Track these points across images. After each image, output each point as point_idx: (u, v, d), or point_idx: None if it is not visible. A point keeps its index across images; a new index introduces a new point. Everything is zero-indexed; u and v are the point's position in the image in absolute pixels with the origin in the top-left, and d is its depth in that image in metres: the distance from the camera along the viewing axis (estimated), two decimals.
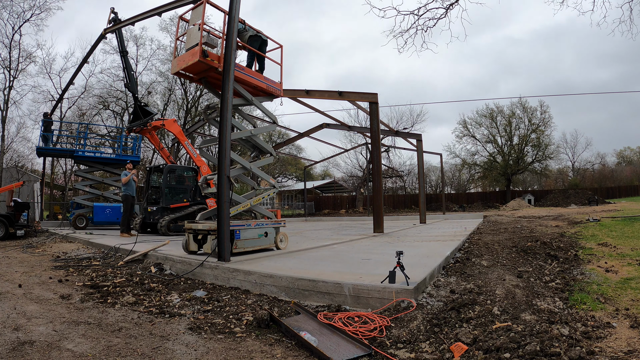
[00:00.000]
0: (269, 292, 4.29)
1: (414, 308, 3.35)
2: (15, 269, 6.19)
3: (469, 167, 41.02)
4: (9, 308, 3.74)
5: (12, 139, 27.13)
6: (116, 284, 4.82)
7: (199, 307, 3.88)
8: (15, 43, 24.44)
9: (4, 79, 24.62)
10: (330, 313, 3.41)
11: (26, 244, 10.15)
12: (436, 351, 2.65)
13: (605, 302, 3.64)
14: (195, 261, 5.33)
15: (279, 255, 6.07)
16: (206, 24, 6.31)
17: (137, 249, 6.98)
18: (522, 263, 5.59)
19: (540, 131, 36.48)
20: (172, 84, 32.02)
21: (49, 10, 24.96)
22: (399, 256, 3.88)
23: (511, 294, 3.80)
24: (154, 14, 9.96)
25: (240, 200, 6.40)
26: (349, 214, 32.93)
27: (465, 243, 7.75)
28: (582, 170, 51.44)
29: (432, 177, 50.24)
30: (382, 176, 13.78)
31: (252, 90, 6.74)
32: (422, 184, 17.35)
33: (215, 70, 5.96)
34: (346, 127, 20.40)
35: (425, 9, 7.63)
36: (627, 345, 2.61)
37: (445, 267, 5.23)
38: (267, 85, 6.85)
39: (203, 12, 5.97)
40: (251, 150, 7.30)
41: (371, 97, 10.90)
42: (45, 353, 2.63)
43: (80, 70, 16.46)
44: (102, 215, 15.28)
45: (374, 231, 10.61)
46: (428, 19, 7.75)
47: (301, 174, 42.04)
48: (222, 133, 5.20)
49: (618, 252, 6.16)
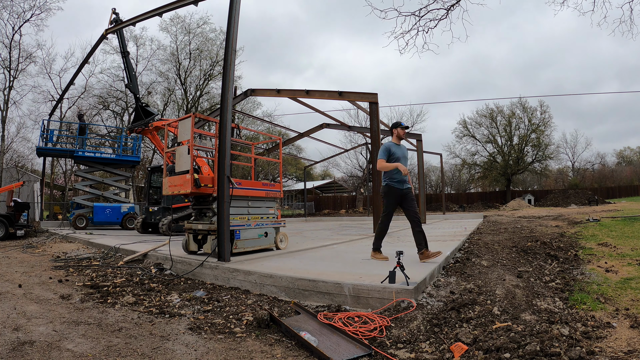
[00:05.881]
0: (269, 292, 4.29)
1: (414, 308, 3.35)
2: (15, 269, 6.20)
3: (469, 167, 41.01)
4: (9, 308, 3.74)
5: (12, 139, 27.18)
6: (116, 284, 4.82)
7: (199, 307, 3.88)
8: (15, 43, 24.47)
9: (4, 79, 24.65)
10: (330, 313, 3.41)
11: (26, 244, 10.15)
12: (436, 351, 2.65)
13: (605, 302, 3.64)
14: (195, 261, 5.33)
15: (279, 255, 6.07)
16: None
17: (137, 249, 6.98)
18: (522, 263, 5.59)
19: (540, 131, 36.50)
20: (172, 84, 32.07)
21: (49, 10, 24.99)
22: (399, 256, 3.88)
23: (511, 294, 3.80)
24: (154, 14, 9.99)
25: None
26: (349, 214, 32.93)
27: (465, 243, 7.74)
28: (582, 170, 51.46)
29: (432, 177, 50.30)
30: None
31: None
32: (422, 184, 17.35)
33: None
34: (346, 127, 20.41)
35: (426, 10, 7.64)
36: (627, 345, 2.61)
37: (445, 267, 5.22)
38: (266, 192, 6.58)
39: (192, 127, 5.65)
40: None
41: (371, 97, 10.90)
42: (45, 353, 2.63)
43: (80, 70, 16.51)
44: (102, 215, 15.28)
45: (374, 231, 10.61)
46: (429, 20, 7.76)
47: (301, 174, 42.04)
48: (222, 133, 5.21)
49: (618, 252, 6.16)
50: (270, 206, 6.63)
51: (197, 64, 32.03)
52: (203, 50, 31.67)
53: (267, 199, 6.56)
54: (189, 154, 5.69)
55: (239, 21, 5.58)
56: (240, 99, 16.07)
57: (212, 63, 31.97)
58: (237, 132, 7.96)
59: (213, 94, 33.08)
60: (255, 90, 14.25)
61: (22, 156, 29.19)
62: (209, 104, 32.98)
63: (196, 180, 5.65)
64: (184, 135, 5.89)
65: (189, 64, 31.73)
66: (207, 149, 7.02)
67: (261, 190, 6.40)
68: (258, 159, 19.36)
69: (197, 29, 31.16)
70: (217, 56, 31.56)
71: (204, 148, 6.87)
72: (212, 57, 31.85)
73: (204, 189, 5.81)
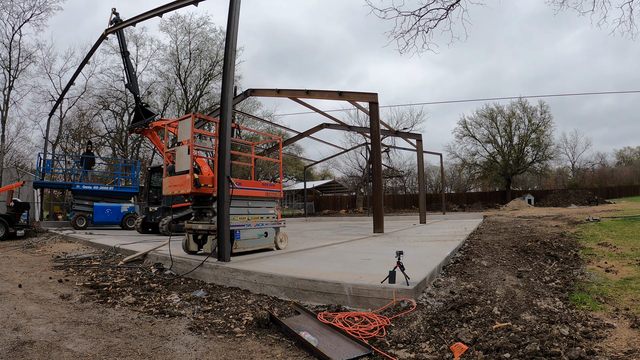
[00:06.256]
0: (269, 292, 4.29)
1: (414, 308, 3.35)
2: (15, 269, 6.19)
3: (469, 167, 40.99)
4: (9, 308, 3.74)
5: (12, 139, 27.14)
6: (116, 284, 4.82)
7: (199, 307, 3.88)
8: (15, 43, 24.46)
9: (4, 79, 24.65)
10: (330, 313, 3.41)
11: (26, 244, 10.15)
12: (436, 351, 2.65)
13: (605, 302, 3.64)
14: (195, 261, 5.33)
15: (279, 255, 6.07)
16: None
17: (137, 249, 6.98)
18: (522, 263, 5.59)
19: (540, 131, 36.47)
20: (172, 84, 32.07)
21: (49, 10, 24.98)
22: (399, 256, 3.88)
23: (511, 294, 3.80)
24: (154, 14, 9.99)
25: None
26: (349, 214, 32.92)
27: (465, 243, 7.74)
28: (582, 170, 51.46)
29: (432, 177, 50.26)
30: (382, 176, 13.77)
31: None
32: (422, 184, 17.35)
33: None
34: (346, 127, 20.41)
35: (426, 10, 7.64)
36: (627, 345, 2.61)
37: (445, 267, 5.22)
38: (266, 192, 6.59)
39: (192, 127, 5.64)
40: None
41: (371, 97, 10.89)
42: (45, 353, 2.63)
43: (80, 70, 16.52)
44: (102, 215, 15.27)
45: (374, 231, 10.61)
46: (429, 20, 7.77)
47: (301, 174, 42.05)
48: (222, 133, 5.21)
49: (618, 252, 6.16)
50: (270, 206, 6.63)
51: (197, 64, 32.04)
52: (203, 50, 31.68)
53: (267, 199, 6.56)
54: (189, 154, 5.69)
55: (239, 21, 5.58)
56: (240, 99, 16.08)
57: (212, 63, 31.98)
58: (237, 132, 7.96)
59: (213, 94, 33.09)
60: (255, 90, 14.26)
61: (22, 156, 29.16)
62: (209, 104, 32.98)
63: (196, 180, 5.65)
64: (184, 135, 5.89)
65: (189, 64, 31.75)
66: (207, 149, 7.01)
67: (261, 190, 6.40)
68: (258, 159, 19.35)
69: (197, 29, 31.17)
70: (217, 56, 31.57)
71: (204, 148, 6.86)
72: (212, 57, 31.86)
73: (204, 189, 5.81)
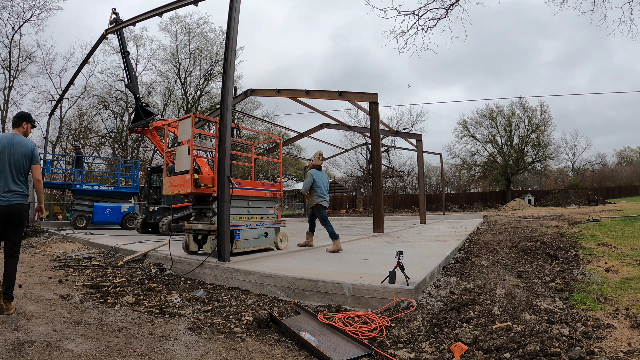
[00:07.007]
0: (269, 292, 4.29)
1: (414, 308, 3.35)
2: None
3: (469, 167, 41.01)
4: None
5: None
6: (116, 284, 4.82)
7: (199, 307, 3.88)
8: (15, 43, 24.51)
9: (4, 79, 24.69)
10: (330, 313, 3.41)
11: (26, 244, 10.15)
12: (436, 351, 2.65)
13: (605, 302, 3.64)
14: (195, 261, 5.33)
15: (279, 255, 6.07)
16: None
17: (137, 249, 6.98)
18: (522, 263, 5.60)
19: (540, 131, 36.49)
20: (172, 84, 32.08)
21: (49, 10, 25.04)
22: (399, 256, 3.87)
23: (511, 294, 3.80)
24: (154, 14, 9.99)
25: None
26: (349, 214, 32.91)
27: (465, 243, 7.74)
28: (582, 170, 51.44)
29: (432, 177, 50.28)
30: (382, 176, 13.78)
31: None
32: (422, 184, 17.35)
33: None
34: (346, 127, 20.41)
35: (426, 9, 7.65)
36: (627, 345, 2.61)
37: (445, 267, 5.23)
38: (266, 192, 6.59)
39: (192, 127, 5.62)
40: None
41: (371, 97, 10.90)
42: (45, 353, 2.63)
43: (80, 70, 16.52)
44: (102, 215, 15.28)
45: (374, 231, 10.61)
46: (428, 19, 7.77)
47: (301, 174, 42.06)
48: (222, 133, 5.21)
49: (618, 252, 6.16)
50: (270, 206, 6.63)
51: (197, 64, 32.07)
52: (203, 50, 31.71)
53: (267, 199, 6.56)
54: (189, 154, 5.69)
55: (239, 21, 5.59)
56: (240, 99, 16.08)
57: (212, 63, 32.00)
58: (237, 132, 7.96)
59: (213, 94, 33.11)
60: (255, 90, 14.27)
61: None
62: (209, 104, 33.00)
63: (196, 180, 5.65)
64: (184, 135, 5.89)
65: (189, 64, 31.78)
66: (207, 149, 7.02)
67: (261, 190, 6.40)
68: (258, 159, 19.35)
69: (197, 28, 31.21)
70: (217, 56, 31.59)
71: (204, 148, 6.86)
72: (212, 57, 31.89)
73: (204, 189, 5.81)
